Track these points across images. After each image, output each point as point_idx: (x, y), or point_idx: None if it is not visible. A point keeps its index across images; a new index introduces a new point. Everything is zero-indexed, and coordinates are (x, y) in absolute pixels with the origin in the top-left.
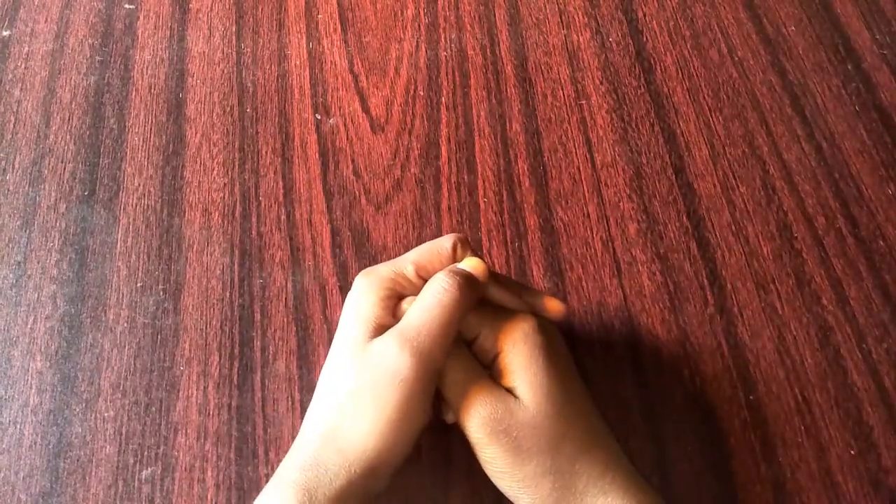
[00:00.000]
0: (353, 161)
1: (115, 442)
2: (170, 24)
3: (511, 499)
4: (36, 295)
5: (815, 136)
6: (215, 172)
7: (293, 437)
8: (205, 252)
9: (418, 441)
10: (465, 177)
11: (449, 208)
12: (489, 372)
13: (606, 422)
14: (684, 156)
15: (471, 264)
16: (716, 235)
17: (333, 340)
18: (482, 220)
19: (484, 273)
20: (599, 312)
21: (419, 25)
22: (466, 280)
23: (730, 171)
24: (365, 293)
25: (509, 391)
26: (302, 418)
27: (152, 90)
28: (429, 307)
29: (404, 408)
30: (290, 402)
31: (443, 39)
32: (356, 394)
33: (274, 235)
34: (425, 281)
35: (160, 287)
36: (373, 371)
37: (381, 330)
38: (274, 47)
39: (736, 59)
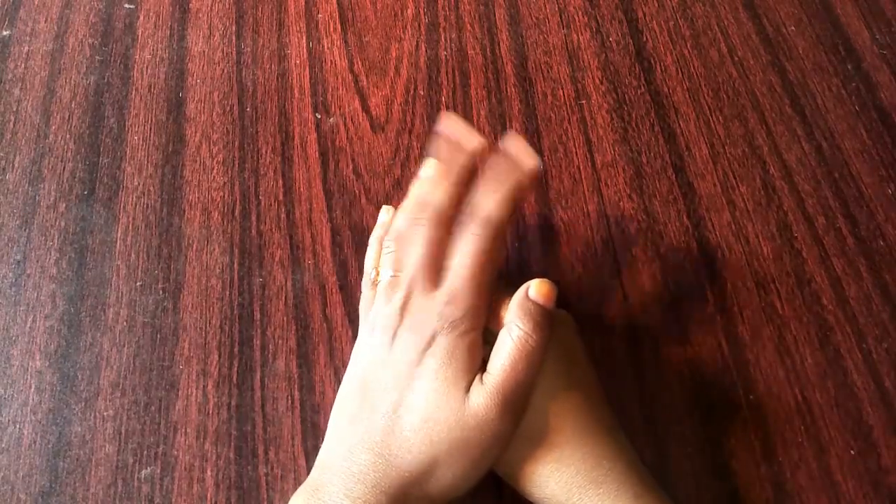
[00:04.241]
0: (353, 160)
1: (114, 441)
2: (170, 24)
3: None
4: (35, 294)
5: (815, 135)
6: (215, 171)
7: (292, 436)
8: (204, 251)
9: None
10: None
11: None
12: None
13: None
14: (684, 155)
15: (540, 290)
16: (716, 235)
17: (420, 369)
18: None
19: (553, 297)
20: (599, 312)
21: (419, 25)
22: (545, 320)
23: (730, 171)
24: (466, 334)
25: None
26: (302, 417)
27: (152, 89)
28: (515, 362)
29: (495, 459)
30: (289, 402)
31: (443, 39)
32: (455, 448)
33: (274, 234)
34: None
35: (160, 286)
36: (473, 429)
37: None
38: (274, 47)
39: (736, 58)
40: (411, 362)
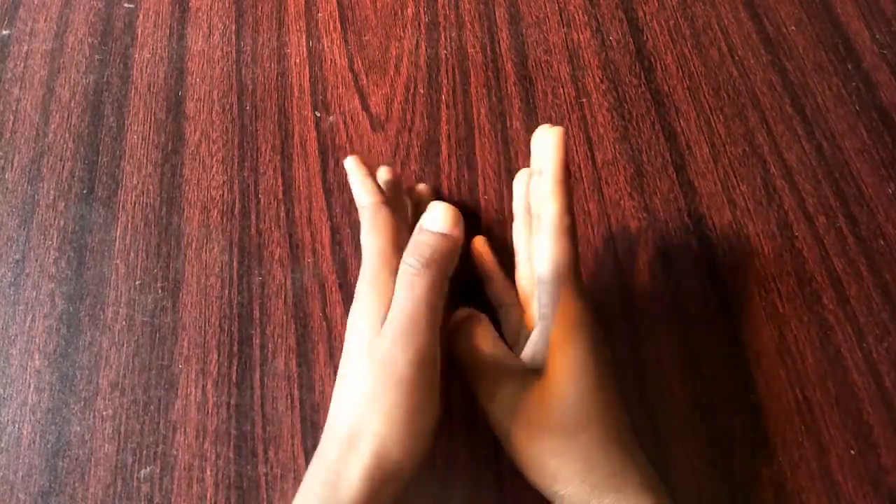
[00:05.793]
0: None
1: (113, 441)
2: (169, 23)
3: (534, 484)
4: (34, 293)
5: (815, 135)
6: (214, 170)
7: (292, 436)
8: (204, 250)
9: (433, 445)
10: (466, 174)
11: None
12: (517, 346)
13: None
14: (685, 154)
15: (441, 216)
16: (716, 234)
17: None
18: (482, 218)
19: (455, 221)
20: (600, 311)
21: (419, 24)
22: (432, 257)
23: (730, 170)
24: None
25: (534, 369)
26: (301, 416)
27: (151, 88)
28: (403, 299)
29: (410, 404)
30: (289, 401)
31: (443, 38)
32: (367, 396)
33: (273, 233)
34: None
35: (159, 285)
36: (375, 370)
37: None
38: (273, 45)
39: (736, 58)
40: (347, 327)
